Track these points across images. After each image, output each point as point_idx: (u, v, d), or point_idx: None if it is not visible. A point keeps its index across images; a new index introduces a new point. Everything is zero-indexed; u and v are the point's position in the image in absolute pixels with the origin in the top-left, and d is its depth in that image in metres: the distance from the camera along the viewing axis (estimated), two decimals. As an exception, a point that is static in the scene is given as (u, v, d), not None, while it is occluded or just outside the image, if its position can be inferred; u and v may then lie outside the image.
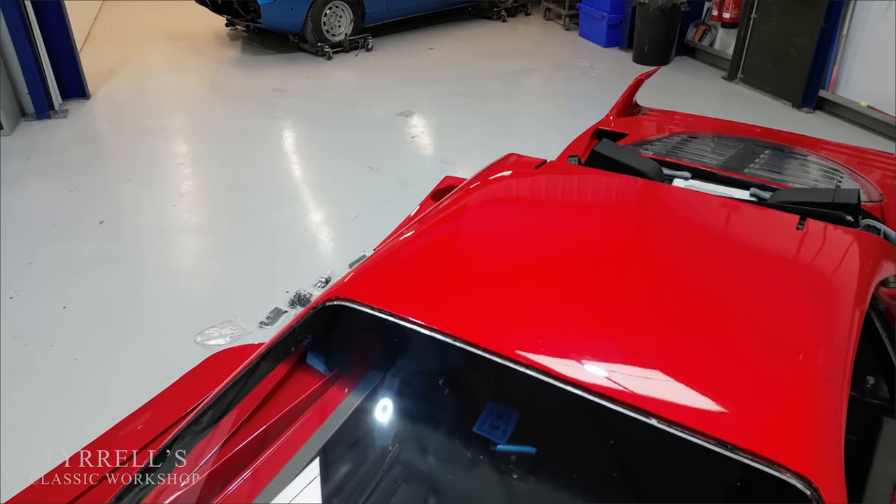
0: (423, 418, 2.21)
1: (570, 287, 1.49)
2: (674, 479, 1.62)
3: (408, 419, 2.24)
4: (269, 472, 2.03)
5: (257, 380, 1.63)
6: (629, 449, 1.61)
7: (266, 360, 1.61)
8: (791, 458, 1.09)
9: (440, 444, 2.13)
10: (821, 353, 1.28)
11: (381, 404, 2.22)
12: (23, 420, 2.74)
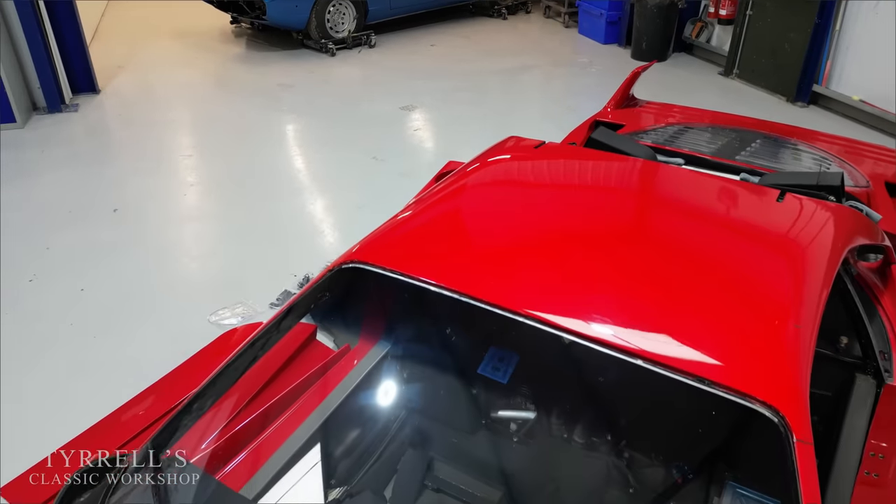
0: (429, 386, 2.35)
1: (564, 249, 1.63)
2: (656, 419, 1.76)
3: (414, 387, 2.37)
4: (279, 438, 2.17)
5: (277, 338, 1.76)
6: (614, 389, 1.74)
7: (286, 319, 1.74)
8: (762, 392, 1.22)
9: (445, 410, 2.27)
10: (790, 303, 1.41)
11: (389, 373, 2.36)
12: (47, 393, 2.88)
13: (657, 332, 1.34)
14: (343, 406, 2.23)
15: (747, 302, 1.44)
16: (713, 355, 1.29)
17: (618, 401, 1.86)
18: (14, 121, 5.50)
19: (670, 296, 1.45)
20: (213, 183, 4.90)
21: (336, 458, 2.15)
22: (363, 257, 1.65)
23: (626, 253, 1.62)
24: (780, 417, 1.19)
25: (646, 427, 1.91)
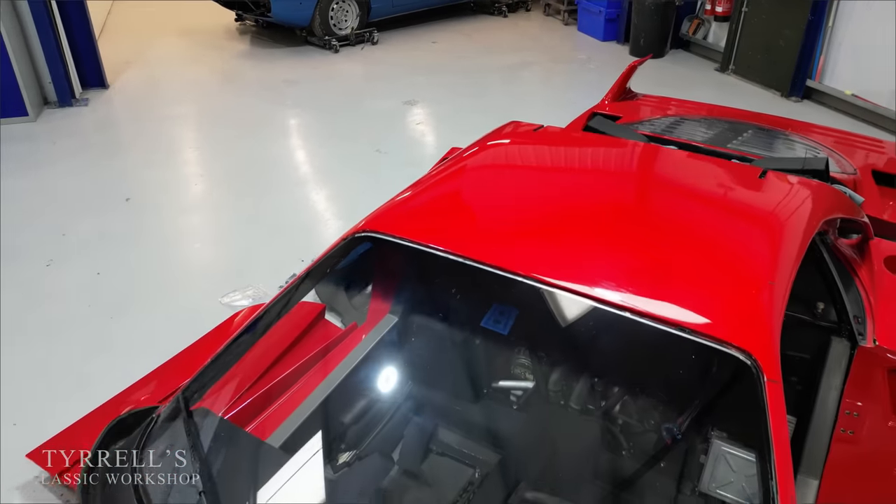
0: (434, 357, 2.48)
1: (559, 218, 1.77)
2: (645, 374, 1.89)
3: (420, 359, 2.50)
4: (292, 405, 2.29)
5: (297, 300, 1.89)
6: (604, 345, 1.87)
7: (304, 283, 1.87)
8: (737, 339, 1.36)
9: (448, 380, 2.40)
10: (766, 263, 1.55)
11: (396, 345, 2.49)
12: (67, 369, 3.01)
13: (644, 289, 1.47)
14: (352, 376, 2.35)
15: (727, 262, 1.57)
16: (695, 309, 1.42)
17: (608, 357, 1.99)
18: (26, 114, 5.64)
19: (656, 257, 1.59)
20: (221, 174, 5.04)
21: (346, 424, 2.27)
22: (374, 227, 1.79)
23: (616, 221, 1.76)
24: (753, 360, 1.32)
25: (635, 385, 2.04)
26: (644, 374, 1.98)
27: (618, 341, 1.95)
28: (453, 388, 2.38)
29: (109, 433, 1.63)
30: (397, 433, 2.29)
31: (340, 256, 1.89)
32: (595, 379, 2.17)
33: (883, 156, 3.95)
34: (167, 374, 2.40)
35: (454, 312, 2.42)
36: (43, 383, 2.93)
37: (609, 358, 2.08)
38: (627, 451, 2.09)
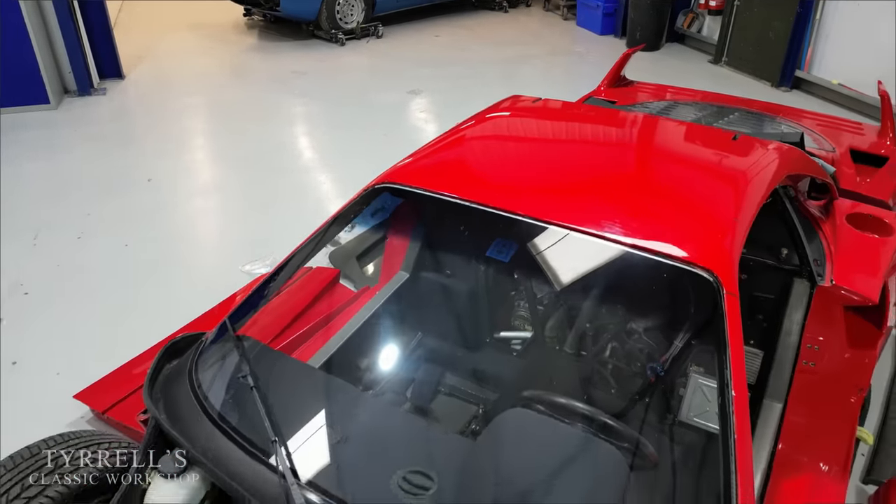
0: (442, 309, 2.72)
1: (554, 167, 2.03)
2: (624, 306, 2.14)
3: (428, 311, 2.75)
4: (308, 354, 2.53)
5: (324, 244, 2.13)
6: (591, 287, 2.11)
7: (331, 228, 2.12)
8: (703, 260, 1.61)
9: (453, 332, 2.65)
10: (732, 205, 1.80)
11: (406, 300, 2.74)
12: (100, 331, 3.27)
13: (627, 225, 1.72)
14: (367, 326, 2.60)
15: (697, 204, 1.83)
16: (669, 239, 1.67)
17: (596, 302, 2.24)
18: (48, 102, 5.90)
19: (638, 201, 1.84)
20: (236, 158, 5.29)
21: (362, 368, 2.51)
22: (391, 179, 2.04)
23: (605, 173, 2.01)
24: (715, 277, 1.57)
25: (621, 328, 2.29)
26: (628, 312, 2.23)
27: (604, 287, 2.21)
28: (459, 338, 2.63)
29: (165, 354, 1.88)
30: (409, 377, 2.53)
31: (362, 205, 2.14)
32: (587, 325, 2.42)
33: (861, 137, 4.22)
34: (197, 328, 2.66)
35: (459, 270, 2.66)
36: (81, 341, 3.19)
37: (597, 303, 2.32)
38: (616, 390, 2.34)
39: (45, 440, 1.78)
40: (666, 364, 2.27)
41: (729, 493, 1.32)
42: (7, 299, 3.45)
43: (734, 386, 1.46)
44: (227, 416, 1.60)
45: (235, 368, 1.73)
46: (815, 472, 2.21)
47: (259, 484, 1.44)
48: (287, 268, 2.07)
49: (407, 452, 1.57)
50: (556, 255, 1.97)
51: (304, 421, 1.61)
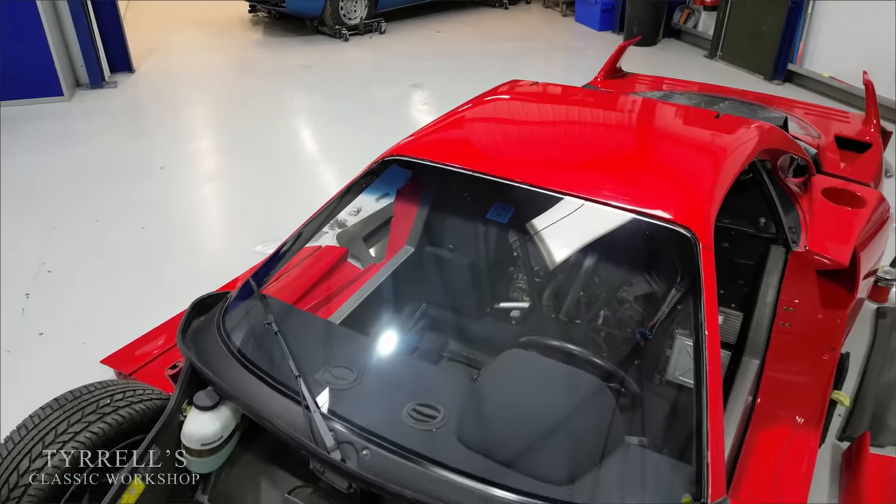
0: (445, 282, 2.90)
1: (548, 140, 2.21)
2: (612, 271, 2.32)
3: (433, 283, 2.92)
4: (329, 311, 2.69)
5: (339, 211, 2.31)
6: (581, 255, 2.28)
7: (346, 196, 2.30)
8: (683, 219, 1.78)
9: (456, 302, 2.82)
10: (710, 173, 1.98)
11: (412, 272, 2.91)
12: (122, 305, 3.45)
13: (616, 190, 1.90)
14: (375, 296, 2.77)
15: (679, 171, 2.01)
16: (653, 203, 1.84)
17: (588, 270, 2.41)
18: (62, 94, 6.09)
19: (625, 169, 2.03)
20: (245, 147, 5.47)
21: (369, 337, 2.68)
22: (400, 152, 2.22)
23: (597, 146, 2.20)
24: (693, 234, 1.75)
25: (612, 294, 2.47)
26: (618, 279, 2.41)
27: (596, 255, 2.38)
28: (461, 309, 2.81)
29: (193, 310, 2.06)
30: (414, 344, 2.71)
31: (373, 176, 2.32)
32: (580, 293, 2.60)
33: (847, 125, 4.40)
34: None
35: (462, 245, 2.84)
36: (103, 314, 3.37)
37: (589, 271, 2.49)
38: (608, 353, 2.52)
39: (86, 386, 1.96)
40: (654, 329, 2.44)
41: (700, 415, 1.49)
42: (31, 277, 3.64)
43: (707, 325, 1.63)
44: (253, 358, 1.78)
45: (259, 318, 1.91)
46: (791, 424, 2.40)
47: (285, 414, 1.61)
48: (305, 233, 2.25)
49: (416, 389, 1.75)
50: (551, 219, 2.14)
51: (323, 363, 1.79)
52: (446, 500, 1.41)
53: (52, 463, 1.72)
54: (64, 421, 1.81)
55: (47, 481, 1.69)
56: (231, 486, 1.78)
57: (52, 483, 1.70)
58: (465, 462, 1.50)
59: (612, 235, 2.03)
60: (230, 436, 1.74)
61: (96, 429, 1.81)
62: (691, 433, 1.51)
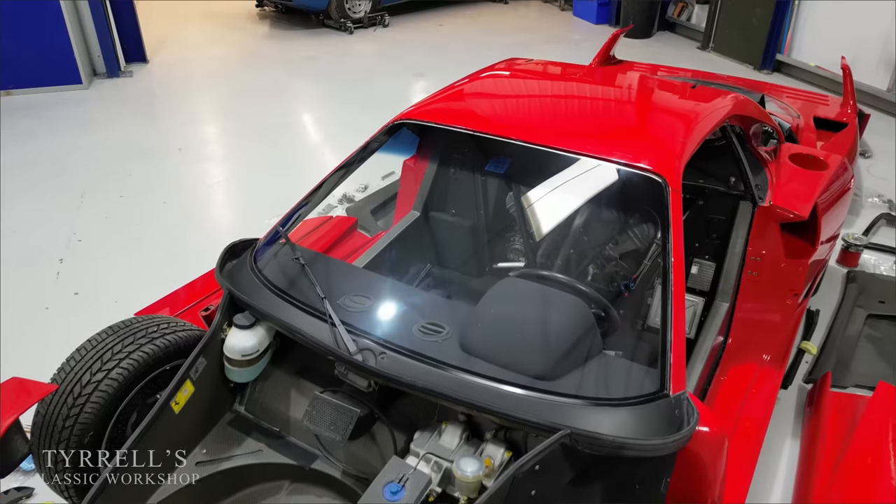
0: (447, 244, 3.17)
1: (544, 106, 2.49)
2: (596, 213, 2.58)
3: (436, 245, 3.19)
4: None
5: (357, 167, 2.58)
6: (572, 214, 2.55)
7: (356, 160, 2.57)
8: (655, 167, 2.06)
9: (458, 262, 3.09)
10: (682, 131, 2.26)
11: (417, 235, 3.18)
12: (149, 268, 3.74)
13: (598, 144, 2.17)
14: (381, 256, 3.04)
15: (655, 130, 2.29)
16: (630, 155, 2.12)
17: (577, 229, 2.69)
18: (81, 82, 6.38)
19: (609, 128, 2.31)
20: (257, 130, 5.75)
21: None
22: (408, 116, 2.50)
23: (584, 109, 2.48)
24: (663, 179, 2.02)
25: (600, 250, 2.74)
26: (604, 234, 2.68)
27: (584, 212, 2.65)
28: (463, 269, 3.08)
29: (227, 253, 2.33)
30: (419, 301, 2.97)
31: (385, 137, 2.59)
32: (571, 251, 2.87)
33: (826, 107, 4.69)
34: None
35: (463, 209, 3.11)
36: (133, 276, 3.65)
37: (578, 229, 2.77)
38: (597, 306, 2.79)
39: (135, 317, 2.24)
40: (637, 281, 2.72)
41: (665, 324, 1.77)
42: (64, 245, 3.92)
43: (673, 251, 1.90)
44: (282, 287, 2.06)
45: (286, 256, 2.19)
46: (758, 361, 2.68)
47: (313, 329, 1.89)
48: (325, 186, 2.53)
49: (424, 312, 2.02)
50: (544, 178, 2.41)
51: (343, 292, 2.06)
52: (451, 392, 1.69)
53: (109, 377, 2.00)
54: (119, 343, 2.09)
55: (106, 389, 1.97)
56: (264, 396, 2.06)
57: (109, 394, 1.97)
58: (467, 363, 1.78)
59: (598, 189, 2.30)
60: (264, 351, 2.02)
61: (146, 350, 2.09)
62: (658, 344, 1.79)
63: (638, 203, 2.28)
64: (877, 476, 2.30)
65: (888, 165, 5.06)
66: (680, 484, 1.73)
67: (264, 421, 2.04)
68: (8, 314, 3.33)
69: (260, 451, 1.95)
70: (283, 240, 2.29)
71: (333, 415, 1.85)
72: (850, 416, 2.59)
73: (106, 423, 2.00)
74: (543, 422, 1.61)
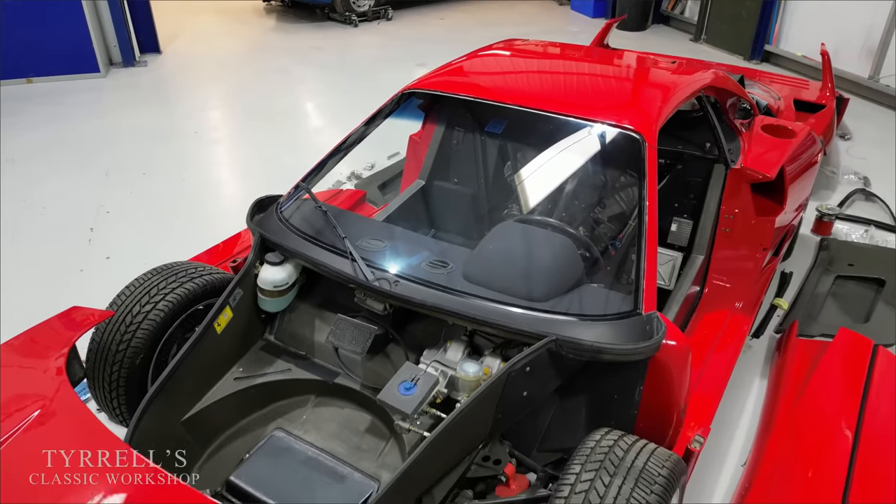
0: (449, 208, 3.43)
1: (539, 77, 2.78)
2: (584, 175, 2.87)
3: (439, 213, 3.47)
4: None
5: (360, 142, 2.87)
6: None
7: (367, 127, 2.87)
8: (635, 126, 2.35)
9: (459, 227, 3.35)
10: (660, 97, 2.55)
11: (422, 202, 3.46)
12: (175, 234, 4.03)
13: (585, 108, 2.46)
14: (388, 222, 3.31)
15: (636, 96, 2.59)
16: (613, 116, 2.41)
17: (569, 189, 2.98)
18: (98, 71, 6.67)
19: (597, 95, 2.60)
20: (266, 116, 6.04)
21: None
22: (416, 86, 2.79)
23: (576, 79, 2.77)
24: (640, 136, 2.31)
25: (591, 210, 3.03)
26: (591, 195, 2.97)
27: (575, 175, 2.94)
28: (464, 233, 3.36)
29: (254, 206, 2.61)
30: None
31: (395, 106, 2.88)
32: (563, 214, 3.16)
33: (806, 90, 4.99)
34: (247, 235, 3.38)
35: (465, 176, 3.39)
36: (160, 241, 3.94)
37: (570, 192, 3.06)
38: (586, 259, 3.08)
39: (175, 262, 2.54)
40: (622, 240, 3.01)
41: (640, 257, 2.06)
42: (93, 216, 4.22)
43: (648, 197, 2.18)
44: (307, 230, 2.35)
45: (307, 206, 2.48)
46: (731, 308, 2.97)
47: (334, 263, 2.18)
48: (343, 148, 2.82)
49: (432, 252, 2.31)
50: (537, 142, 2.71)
51: (359, 236, 2.34)
52: (456, 309, 1.98)
53: (156, 308, 2.29)
54: (163, 280, 2.39)
55: (154, 318, 2.26)
56: (292, 325, 2.36)
57: (157, 323, 2.27)
58: (469, 289, 2.07)
59: (585, 146, 2.59)
60: (292, 285, 2.31)
61: (187, 287, 2.38)
62: (633, 277, 2.08)
63: (620, 157, 2.56)
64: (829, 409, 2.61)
65: (866, 147, 5.35)
66: (651, 393, 2.02)
67: (292, 346, 2.33)
68: (46, 275, 3.63)
69: (289, 370, 2.24)
70: (305, 195, 2.58)
71: (354, 332, 2.14)
72: (812, 358, 2.88)
73: (153, 350, 2.30)
74: (534, 331, 1.90)
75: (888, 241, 4.07)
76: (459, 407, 1.79)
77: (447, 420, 1.75)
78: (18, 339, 2.07)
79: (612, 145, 2.45)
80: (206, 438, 2.10)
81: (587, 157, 2.64)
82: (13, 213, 4.24)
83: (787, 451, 2.44)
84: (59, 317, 2.20)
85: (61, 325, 2.16)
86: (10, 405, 1.80)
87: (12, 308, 3.27)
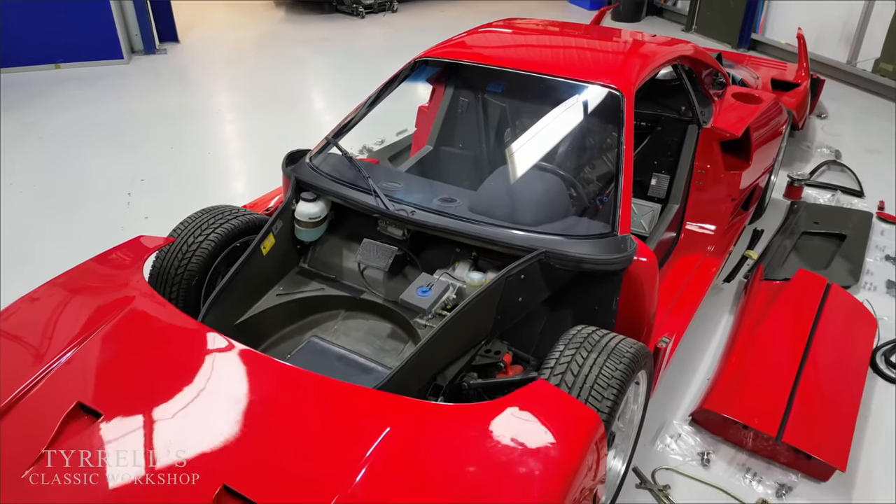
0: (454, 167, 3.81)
1: (536, 45, 3.20)
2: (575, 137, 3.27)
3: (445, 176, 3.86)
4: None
5: (373, 108, 3.27)
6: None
7: (380, 95, 3.27)
8: (615, 83, 2.75)
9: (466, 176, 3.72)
10: (638, 63, 2.94)
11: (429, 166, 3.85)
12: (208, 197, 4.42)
13: (571, 69, 2.87)
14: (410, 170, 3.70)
15: (618, 61, 3.00)
16: (596, 76, 2.81)
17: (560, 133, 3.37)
18: (122, 57, 7.08)
19: (585, 60, 3.01)
20: (281, 99, 6.44)
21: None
22: (427, 55, 3.20)
23: (569, 48, 3.18)
24: (620, 93, 2.72)
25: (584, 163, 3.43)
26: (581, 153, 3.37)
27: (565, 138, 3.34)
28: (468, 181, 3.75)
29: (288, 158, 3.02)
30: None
31: (408, 73, 3.29)
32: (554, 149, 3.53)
33: (783, 71, 5.40)
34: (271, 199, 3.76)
35: (468, 139, 3.78)
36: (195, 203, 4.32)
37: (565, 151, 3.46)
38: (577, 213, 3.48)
39: (220, 204, 2.94)
40: (609, 195, 3.41)
41: (617, 188, 2.46)
42: (129, 183, 4.62)
43: (625, 140, 2.59)
44: (335, 174, 2.75)
45: (333, 157, 2.89)
46: (703, 252, 3.38)
47: (360, 198, 2.59)
48: (363, 108, 3.22)
49: (442, 193, 2.71)
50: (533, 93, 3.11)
51: (379, 179, 2.75)
52: (464, 230, 2.39)
53: (207, 239, 2.70)
54: (212, 217, 2.80)
55: (206, 247, 2.67)
56: (323, 254, 2.77)
57: (209, 251, 2.67)
58: (474, 217, 2.47)
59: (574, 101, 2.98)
60: (324, 219, 2.72)
61: (232, 223, 2.79)
62: (611, 206, 2.48)
63: (603, 110, 2.96)
64: (783, 331, 3.02)
65: (841, 125, 5.76)
66: (625, 303, 2.43)
67: (323, 272, 2.74)
68: (90, 233, 4.04)
69: (322, 289, 2.65)
70: (333, 147, 2.99)
71: (378, 252, 2.56)
72: (772, 295, 3.29)
73: (205, 274, 2.71)
74: (528, 245, 2.31)
75: (853, 203, 4.48)
76: (464, 302, 2.20)
77: (455, 311, 2.16)
78: (98, 257, 2.48)
79: (597, 101, 2.86)
80: (254, 342, 2.51)
81: (576, 111, 3.04)
82: (55, 183, 4.65)
83: (744, 363, 2.85)
84: (128, 243, 2.62)
85: (130, 249, 2.58)
86: (108, 295, 2.23)
87: (65, 259, 3.67)
